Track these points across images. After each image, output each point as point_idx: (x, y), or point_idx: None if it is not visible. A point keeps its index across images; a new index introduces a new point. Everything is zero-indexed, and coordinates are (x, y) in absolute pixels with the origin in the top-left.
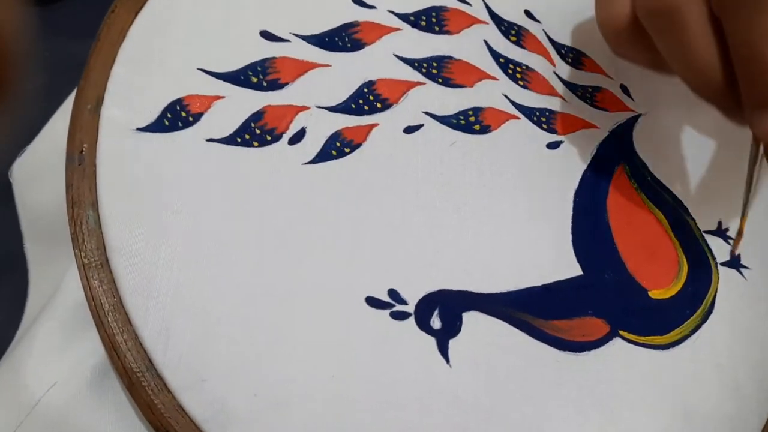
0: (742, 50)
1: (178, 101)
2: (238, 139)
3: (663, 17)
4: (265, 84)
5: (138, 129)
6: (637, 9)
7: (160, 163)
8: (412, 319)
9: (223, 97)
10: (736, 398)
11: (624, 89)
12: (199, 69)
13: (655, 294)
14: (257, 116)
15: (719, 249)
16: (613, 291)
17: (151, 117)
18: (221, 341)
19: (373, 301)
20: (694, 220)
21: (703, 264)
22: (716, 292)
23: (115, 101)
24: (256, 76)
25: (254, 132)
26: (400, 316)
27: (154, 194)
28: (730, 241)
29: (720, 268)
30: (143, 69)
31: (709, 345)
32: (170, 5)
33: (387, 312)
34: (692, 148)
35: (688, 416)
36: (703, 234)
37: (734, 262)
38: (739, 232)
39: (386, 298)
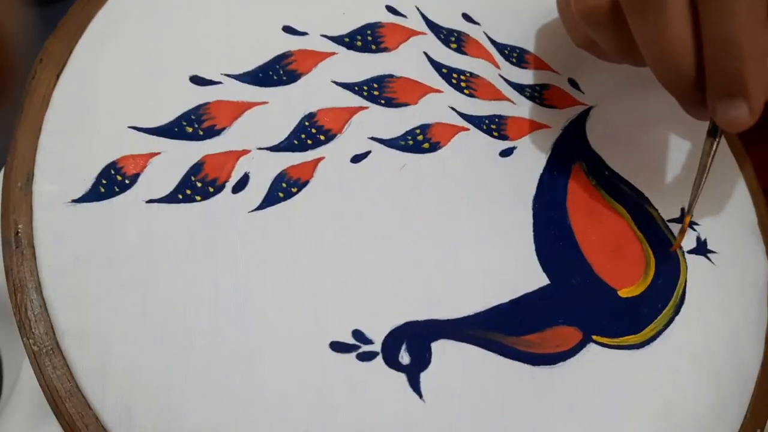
0: (714, 34)
1: (112, 165)
2: (180, 196)
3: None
4: (201, 133)
5: (73, 201)
6: None
7: (100, 235)
8: (380, 358)
9: (158, 154)
10: (715, 388)
11: (572, 83)
12: (129, 127)
13: (624, 293)
14: (197, 168)
15: (685, 237)
16: (582, 296)
17: (85, 186)
18: (188, 414)
19: (338, 346)
20: (656, 210)
21: (670, 255)
22: (686, 282)
23: (47, 174)
24: (190, 125)
25: (195, 186)
26: (367, 356)
27: (99, 268)
28: (696, 227)
29: (687, 256)
30: (71, 135)
31: (685, 337)
32: (91, 63)
33: (353, 355)
34: (647, 136)
35: (670, 413)
36: (667, 223)
37: (701, 249)
38: (682, 230)
39: (351, 340)
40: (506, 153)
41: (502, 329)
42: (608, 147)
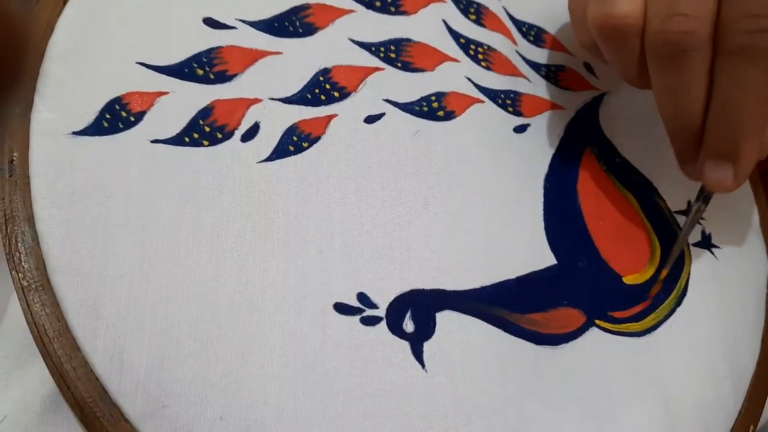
0: (722, 101)
1: (117, 100)
2: (186, 139)
3: (673, 57)
4: (212, 76)
5: (74, 133)
6: (648, 35)
7: (101, 170)
8: (383, 324)
9: (166, 93)
10: (712, 381)
11: (587, 67)
12: (138, 63)
13: (629, 279)
14: (206, 112)
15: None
16: (588, 279)
17: (88, 119)
18: (182, 363)
19: (342, 308)
20: (664, 200)
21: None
22: (689, 274)
23: (47, 103)
24: (201, 68)
25: (203, 130)
26: (371, 321)
27: (97, 205)
28: (701, 221)
29: (692, 248)
30: (76, 65)
31: (685, 328)
32: None
33: (357, 318)
34: (657, 127)
35: (669, 403)
36: (674, 215)
37: (706, 242)
38: (658, 281)
39: (356, 303)
40: (520, 129)
41: (507, 305)
42: (620, 135)
